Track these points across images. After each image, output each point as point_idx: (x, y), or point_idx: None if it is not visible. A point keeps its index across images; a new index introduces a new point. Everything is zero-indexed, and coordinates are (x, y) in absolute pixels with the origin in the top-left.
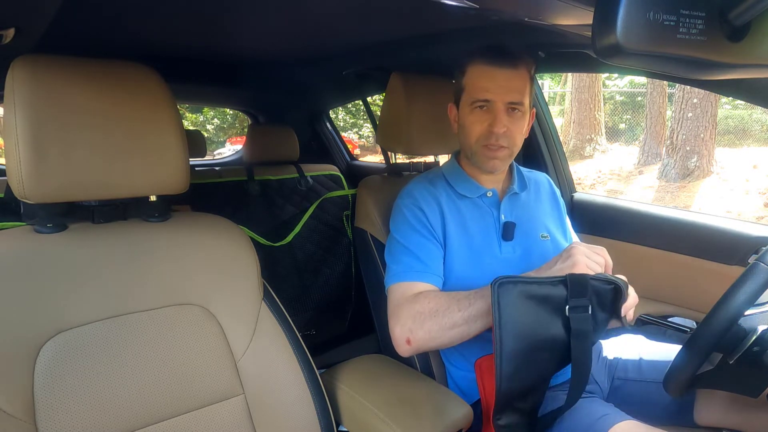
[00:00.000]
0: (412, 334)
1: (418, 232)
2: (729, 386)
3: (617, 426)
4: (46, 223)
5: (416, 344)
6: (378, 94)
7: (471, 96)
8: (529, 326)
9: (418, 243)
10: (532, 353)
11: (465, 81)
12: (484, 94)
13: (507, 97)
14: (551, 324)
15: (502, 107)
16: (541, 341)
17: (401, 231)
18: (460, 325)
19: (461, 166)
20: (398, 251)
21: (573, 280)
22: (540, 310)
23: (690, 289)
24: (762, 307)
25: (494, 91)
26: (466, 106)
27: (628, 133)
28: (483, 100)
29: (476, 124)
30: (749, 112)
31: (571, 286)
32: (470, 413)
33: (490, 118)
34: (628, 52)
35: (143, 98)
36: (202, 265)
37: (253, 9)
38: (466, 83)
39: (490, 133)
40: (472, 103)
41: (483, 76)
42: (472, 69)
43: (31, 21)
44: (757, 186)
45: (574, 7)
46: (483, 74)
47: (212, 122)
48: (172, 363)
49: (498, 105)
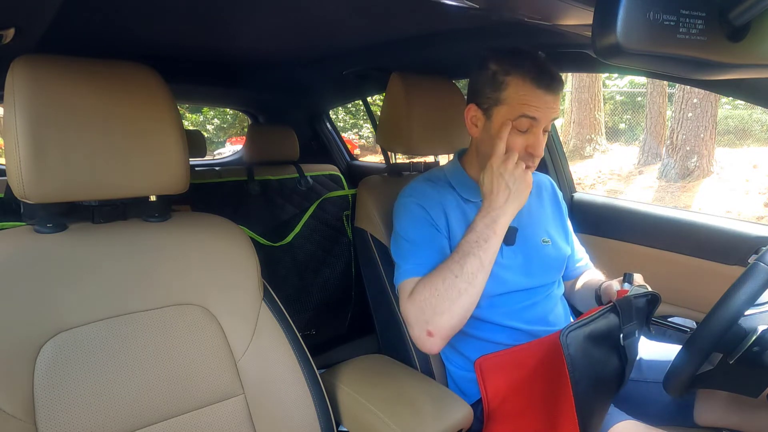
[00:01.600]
0: (429, 325)
1: (425, 226)
2: (729, 386)
3: (617, 426)
4: (46, 223)
5: (438, 332)
6: (378, 94)
7: (516, 111)
8: (593, 366)
9: (427, 236)
10: (598, 392)
11: (507, 94)
12: (533, 112)
13: (550, 119)
14: (610, 357)
15: (541, 130)
16: (603, 375)
17: (407, 228)
18: (465, 287)
19: (465, 169)
20: (406, 248)
21: (622, 306)
22: (599, 347)
23: (690, 289)
24: (762, 307)
25: (543, 112)
26: (505, 119)
27: (628, 133)
28: (531, 118)
29: (515, 143)
30: (749, 112)
31: (622, 314)
32: (470, 413)
33: (529, 140)
34: (628, 52)
35: (143, 98)
36: (202, 265)
37: (253, 9)
38: (510, 97)
39: (529, 155)
40: (515, 118)
41: (532, 96)
42: (519, 85)
43: (31, 21)
44: (757, 186)
45: (574, 7)
46: (531, 94)
47: (212, 122)
48: (172, 363)
49: (541, 127)
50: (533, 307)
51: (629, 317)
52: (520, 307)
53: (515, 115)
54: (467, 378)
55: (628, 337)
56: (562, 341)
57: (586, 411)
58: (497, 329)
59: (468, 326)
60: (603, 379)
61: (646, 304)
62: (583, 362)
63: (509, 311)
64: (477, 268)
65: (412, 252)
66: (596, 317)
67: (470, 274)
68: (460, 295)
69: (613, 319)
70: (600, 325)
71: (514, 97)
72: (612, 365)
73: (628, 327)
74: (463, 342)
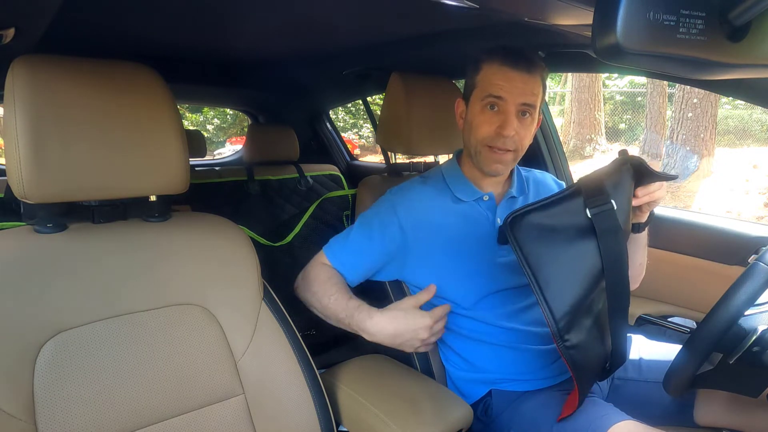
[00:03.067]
0: (299, 285)
1: (374, 233)
2: (729, 386)
3: (617, 426)
4: (46, 223)
5: (299, 293)
6: (378, 94)
7: (483, 91)
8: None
9: (363, 237)
10: (568, 274)
11: (479, 78)
12: (497, 90)
13: (520, 98)
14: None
15: (513, 109)
16: (571, 258)
17: (366, 216)
18: (320, 311)
19: (461, 168)
20: (348, 236)
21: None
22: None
23: (690, 289)
24: (762, 307)
25: (508, 90)
26: (476, 103)
27: (628, 133)
28: (496, 96)
29: (485, 124)
30: (749, 112)
31: (585, 193)
32: (470, 413)
33: (500, 119)
34: (628, 52)
35: (143, 98)
36: (202, 265)
37: (253, 9)
38: (480, 80)
39: (498, 135)
40: (483, 98)
41: (498, 75)
42: (488, 67)
43: (31, 21)
44: (757, 186)
45: (574, 7)
46: (498, 73)
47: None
48: (172, 363)
49: (510, 106)
50: (532, 308)
51: (597, 193)
52: (517, 308)
53: (483, 95)
54: (465, 378)
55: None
56: (504, 229)
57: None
58: (496, 331)
59: (466, 329)
60: (568, 257)
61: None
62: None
63: (507, 312)
64: (332, 319)
65: (347, 241)
66: (543, 204)
67: (327, 314)
68: (314, 308)
69: (578, 202)
70: (556, 209)
71: (483, 79)
72: (587, 252)
73: (597, 200)
74: (461, 344)
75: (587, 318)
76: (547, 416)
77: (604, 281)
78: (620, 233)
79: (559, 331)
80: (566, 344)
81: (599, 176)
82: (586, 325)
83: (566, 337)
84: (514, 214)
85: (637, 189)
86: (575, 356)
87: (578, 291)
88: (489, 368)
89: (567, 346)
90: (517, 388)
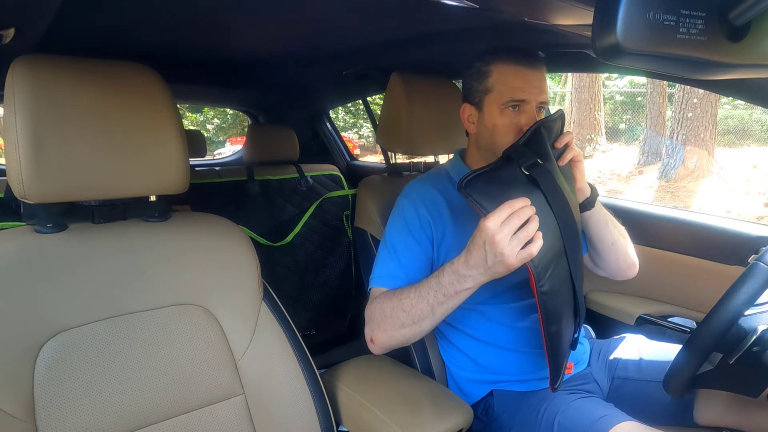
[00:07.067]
0: (374, 334)
1: (409, 233)
2: (729, 386)
3: (617, 426)
4: (46, 223)
5: (378, 343)
6: (378, 94)
7: (504, 96)
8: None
9: (405, 246)
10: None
11: (492, 81)
12: (520, 94)
13: (539, 97)
14: (530, 195)
15: (534, 107)
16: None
17: (392, 230)
18: (409, 324)
19: (467, 164)
20: (383, 254)
21: (512, 152)
22: (512, 189)
23: (690, 289)
24: (762, 307)
25: (529, 91)
26: (494, 107)
27: (628, 133)
28: (519, 100)
29: (509, 127)
30: (749, 112)
31: (515, 157)
32: (470, 413)
33: (523, 118)
34: (628, 52)
35: (143, 98)
36: (202, 265)
37: (253, 9)
38: (495, 84)
39: None
40: (504, 103)
41: (516, 76)
42: (501, 69)
43: (31, 21)
44: (757, 186)
45: (574, 7)
46: (516, 75)
47: (212, 122)
48: (172, 363)
49: (532, 106)
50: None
51: (523, 154)
52: (524, 304)
53: (504, 99)
54: (469, 378)
55: (532, 168)
56: (461, 191)
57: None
58: (503, 330)
59: (473, 328)
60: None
61: (542, 134)
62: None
63: (514, 310)
64: (426, 314)
65: (388, 259)
66: (488, 169)
67: (417, 317)
68: (403, 327)
69: (511, 166)
70: (500, 172)
71: (499, 80)
72: (541, 205)
73: (525, 159)
74: (467, 343)
75: (553, 267)
76: (547, 417)
77: (560, 233)
78: (558, 184)
79: (538, 275)
80: (541, 289)
81: (517, 144)
82: (555, 274)
83: (541, 282)
84: (466, 178)
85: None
86: (548, 302)
87: (544, 238)
88: (494, 368)
89: (542, 291)
90: (519, 388)
